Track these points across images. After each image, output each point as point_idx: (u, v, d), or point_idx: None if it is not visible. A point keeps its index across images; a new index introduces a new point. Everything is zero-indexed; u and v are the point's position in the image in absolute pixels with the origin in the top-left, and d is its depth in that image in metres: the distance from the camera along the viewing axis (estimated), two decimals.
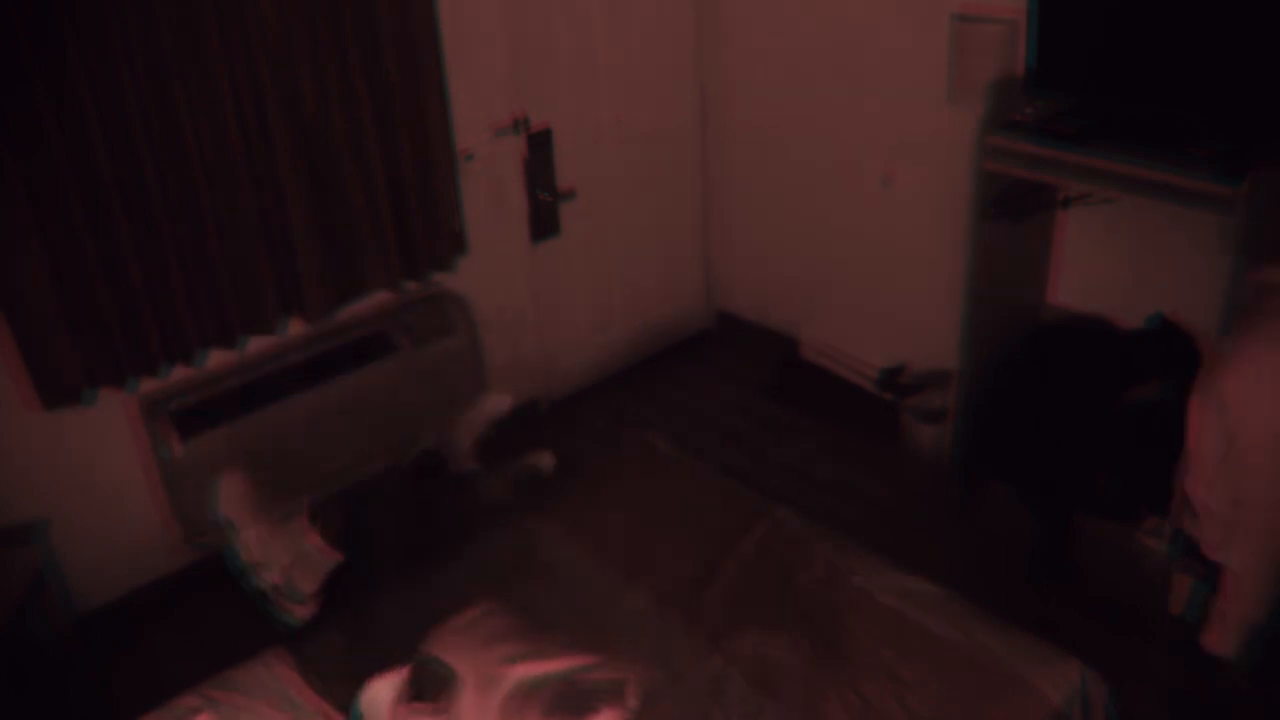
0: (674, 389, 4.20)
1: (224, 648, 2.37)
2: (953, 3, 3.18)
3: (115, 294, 2.72)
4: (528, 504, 2.77)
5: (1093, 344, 3.05)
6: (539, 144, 3.68)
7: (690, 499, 2.70)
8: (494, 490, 3.38)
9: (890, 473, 3.53)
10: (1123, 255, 3.04)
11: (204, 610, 3.05)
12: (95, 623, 2.97)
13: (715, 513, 2.63)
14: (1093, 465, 2.98)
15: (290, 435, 3.05)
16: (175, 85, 2.65)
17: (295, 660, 2.20)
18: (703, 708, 2.07)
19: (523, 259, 3.79)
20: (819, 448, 3.74)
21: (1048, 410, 2.99)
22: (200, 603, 3.08)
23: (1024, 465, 3.13)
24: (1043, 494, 3.11)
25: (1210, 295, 2.57)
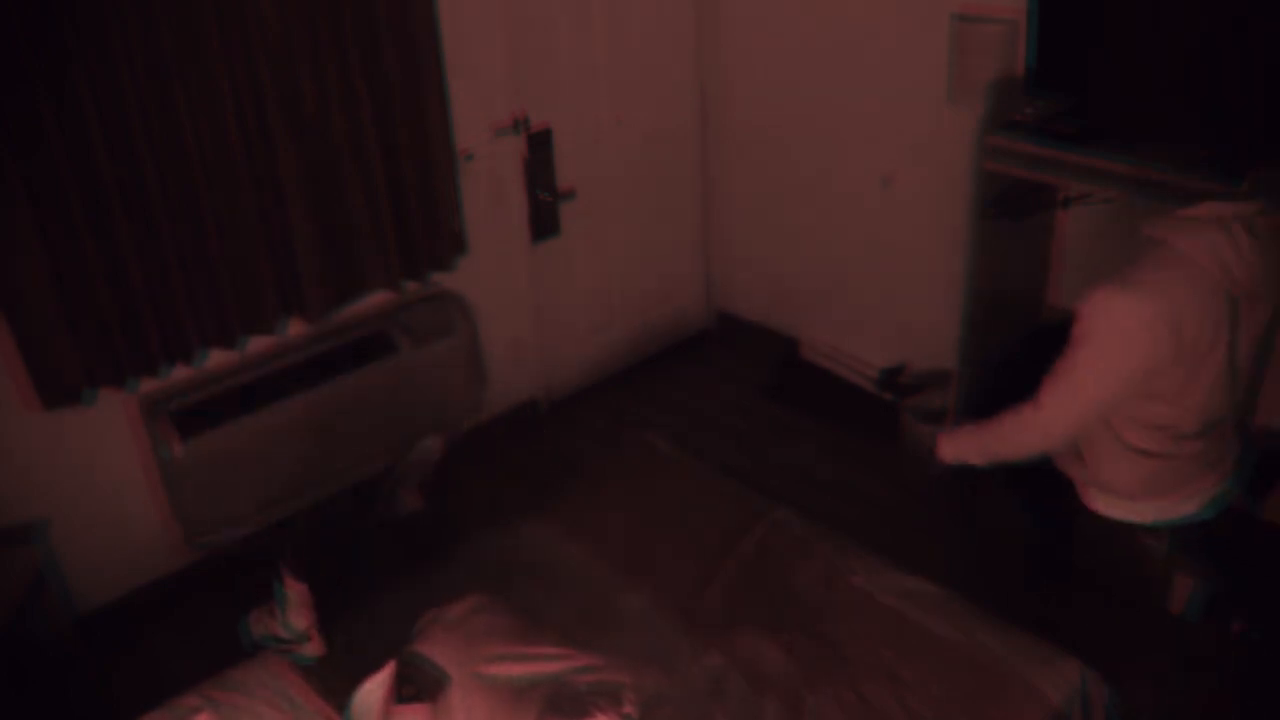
0: (674, 389, 4.20)
1: (224, 648, 2.37)
2: (953, 3, 3.19)
3: (115, 294, 2.72)
4: (527, 504, 2.77)
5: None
6: (539, 144, 3.68)
7: (690, 499, 2.70)
8: (407, 503, 3.31)
9: (890, 473, 3.53)
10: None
11: (204, 610, 3.05)
12: (95, 623, 2.97)
13: (715, 513, 2.63)
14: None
15: (290, 435, 3.05)
16: (175, 85, 2.65)
17: (292, 662, 2.20)
18: (702, 707, 2.07)
19: (523, 259, 3.79)
20: (819, 448, 3.74)
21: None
22: (200, 603, 3.09)
23: (1024, 465, 3.12)
24: (1043, 494, 3.11)
25: None
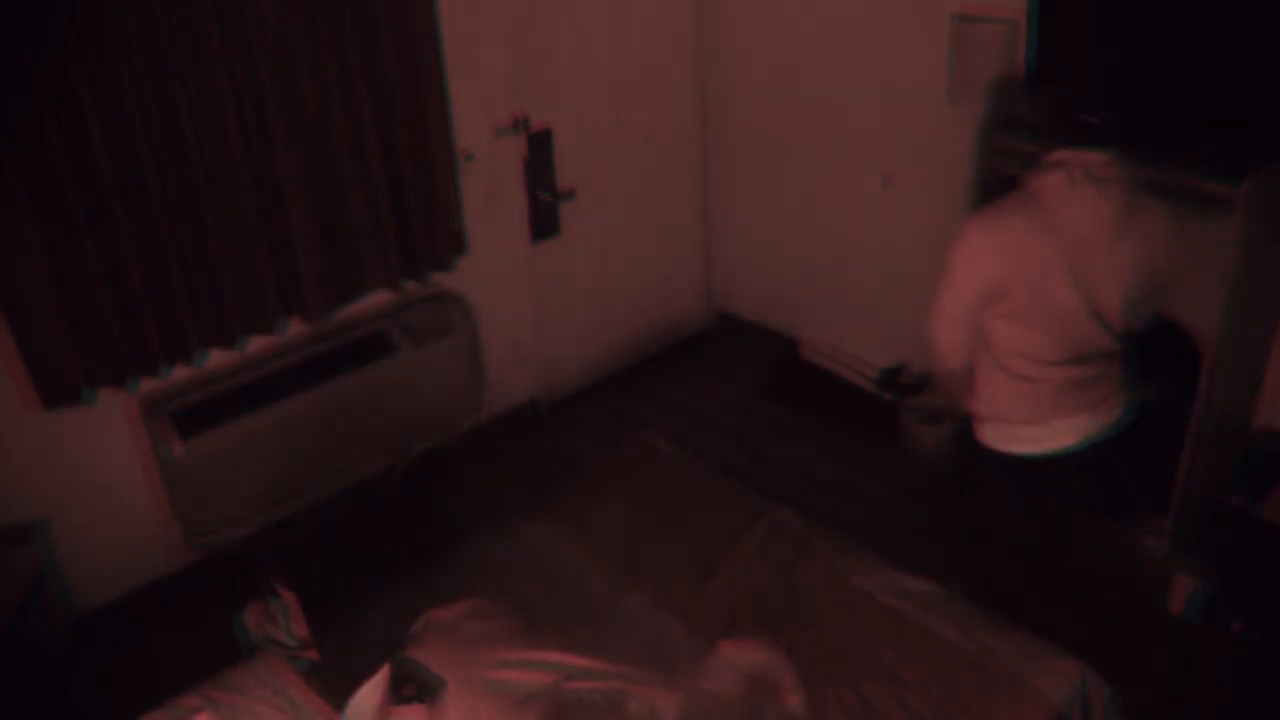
0: (674, 389, 4.20)
1: (224, 648, 2.37)
2: (953, 3, 3.18)
3: (115, 294, 2.72)
4: (527, 504, 2.77)
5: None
6: (539, 144, 3.68)
7: (690, 499, 2.69)
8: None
9: (890, 473, 3.53)
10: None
11: (204, 610, 3.05)
12: (95, 623, 2.97)
13: (715, 513, 2.63)
14: (1093, 465, 2.98)
15: (290, 435, 3.05)
16: (175, 85, 2.65)
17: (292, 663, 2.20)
18: (702, 708, 2.06)
19: (523, 259, 3.79)
20: (819, 448, 3.74)
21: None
22: (200, 603, 3.08)
23: (1023, 465, 3.12)
24: (1042, 494, 3.11)
25: (1210, 295, 2.57)
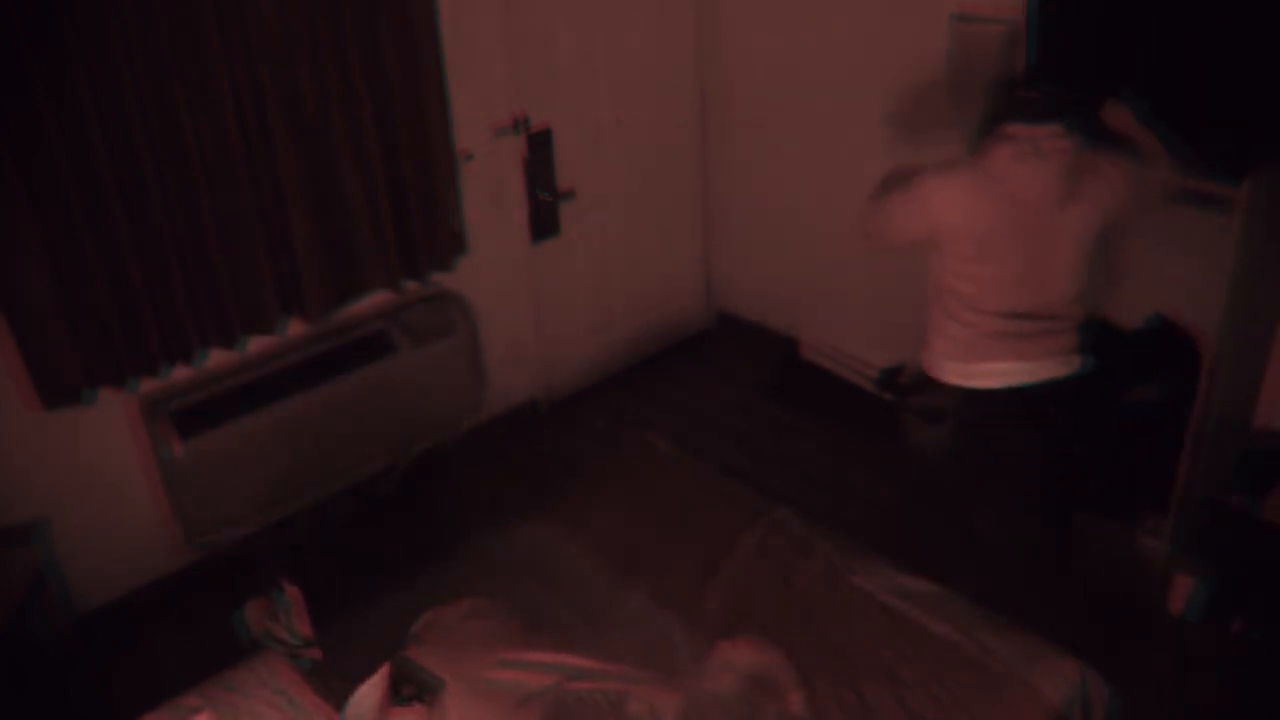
0: (674, 389, 4.20)
1: (224, 648, 2.37)
2: (953, 3, 3.18)
3: (115, 294, 2.71)
4: (527, 504, 2.77)
5: (1093, 344, 3.04)
6: (539, 144, 3.68)
7: (690, 499, 2.69)
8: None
9: (890, 473, 3.53)
10: (1123, 255, 3.03)
11: (204, 610, 3.05)
12: (95, 623, 2.97)
13: (715, 513, 2.63)
14: (1093, 465, 2.98)
15: (290, 435, 3.05)
16: (175, 85, 2.65)
17: (293, 662, 2.20)
18: (702, 707, 2.06)
19: (523, 259, 3.79)
20: (819, 448, 3.74)
21: (1049, 410, 2.99)
22: (200, 603, 3.08)
23: (1023, 465, 3.12)
24: (1042, 493, 3.11)
25: (1210, 295, 2.57)
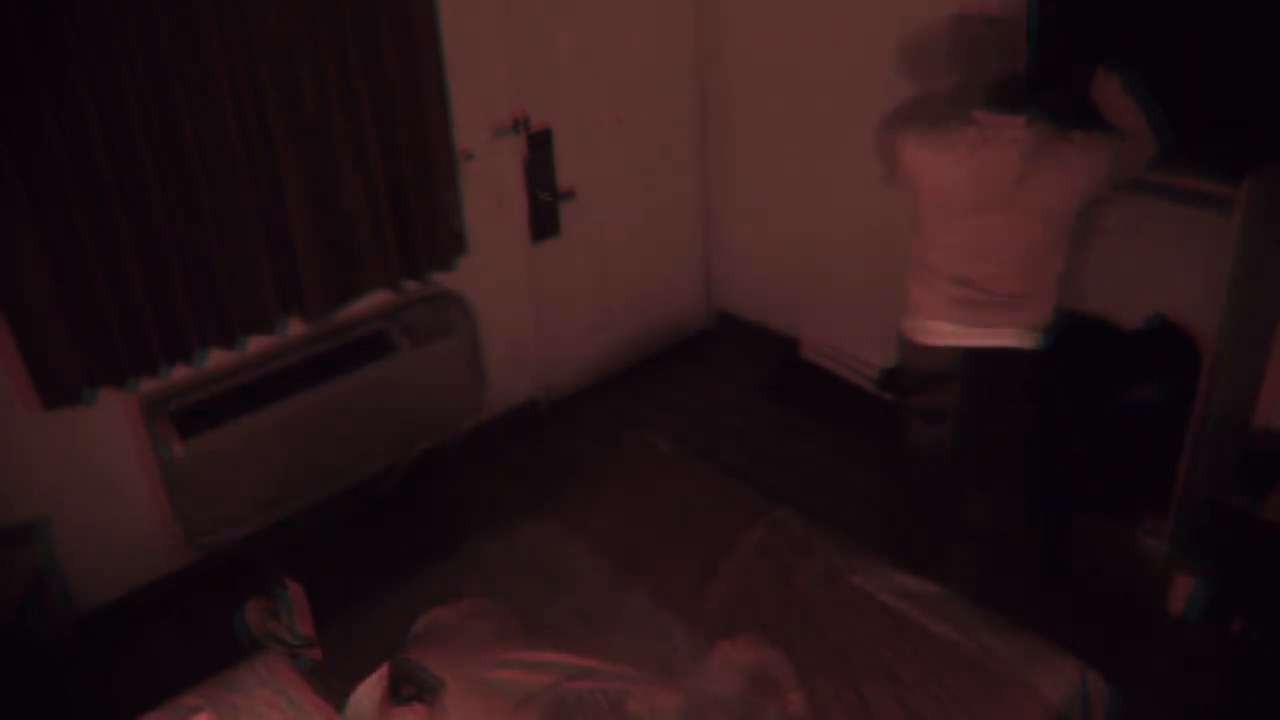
0: (674, 389, 4.20)
1: (224, 648, 2.37)
2: (953, 3, 3.18)
3: (115, 294, 2.71)
4: (527, 504, 2.77)
5: (1093, 344, 3.04)
6: (539, 144, 3.68)
7: (690, 499, 2.69)
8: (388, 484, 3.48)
9: (890, 473, 3.53)
10: (1123, 255, 3.04)
11: (204, 610, 3.05)
12: (95, 623, 2.97)
13: (715, 513, 2.63)
14: (1093, 464, 2.98)
15: (290, 435, 3.05)
16: (175, 85, 2.65)
17: (292, 662, 2.20)
18: (702, 708, 2.07)
19: (523, 259, 3.79)
20: (819, 448, 3.74)
21: (1049, 410, 2.99)
22: (200, 603, 3.08)
23: (1024, 465, 3.13)
24: (1042, 493, 3.11)
25: (1210, 295, 2.57)
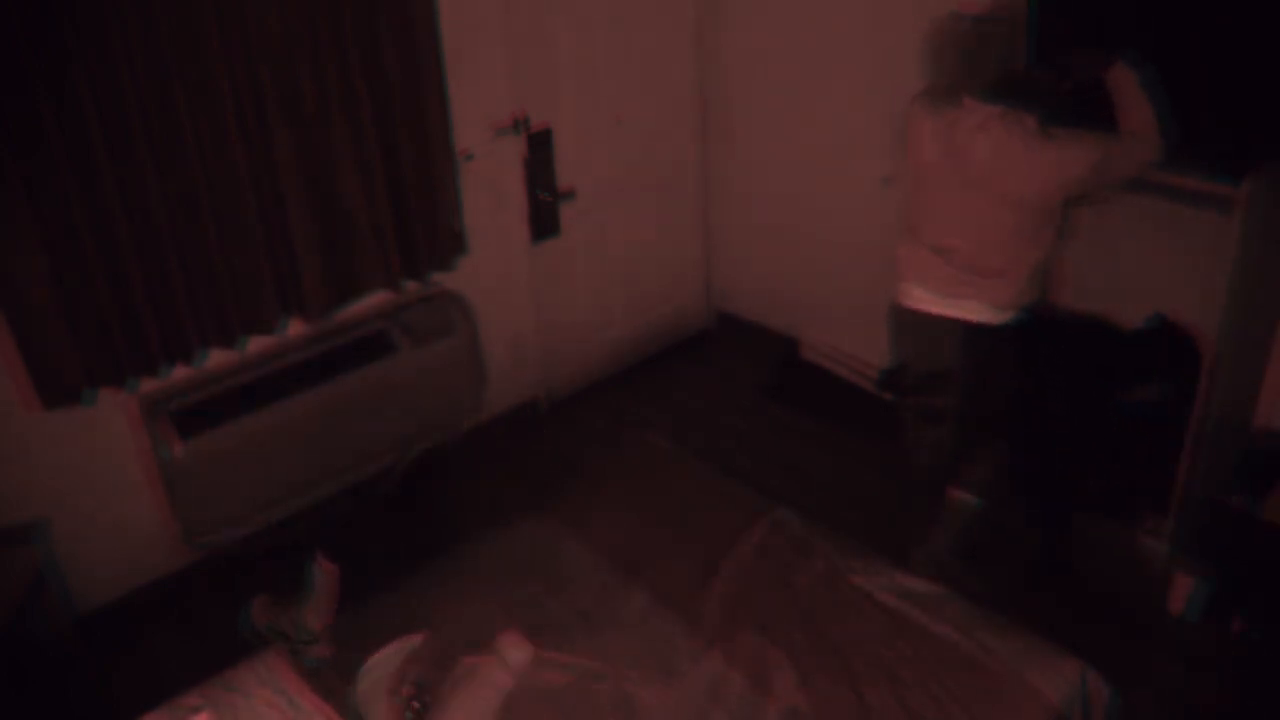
0: (674, 389, 4.20)
1: (224, 648, 2.37)
2: (953, 2, 3.18)
3: (115, 294, 2.71)
4: (527, 504, 2.77)
5: (1093, 344, 3.04)
6: (539, 144, 3.68)
7: (690, 499, 2.69)
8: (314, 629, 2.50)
9: (891, 473, 3.52)
10: (1123, 255, 3.04)
11: (204, 610, 3.05)
12: (95, 623, 2.97)
13: (715, 513, 2.63)
14: (1093, 464, 2.98)
15: (290, 435, 3.05)
16: (175, 85, 2.65)
17: (294, 660, 2.20)
18: (702, 708, 2.07)
19: (523, 259, 3.79)
20: (819, 448, 3.74)
21: (1048, 410, 2.99)
22: (200, 603, 3.09)
23: (1025, 465, 3.13)
24: (1043, 493, 3.11)
25: (1210, 295, 2.57)
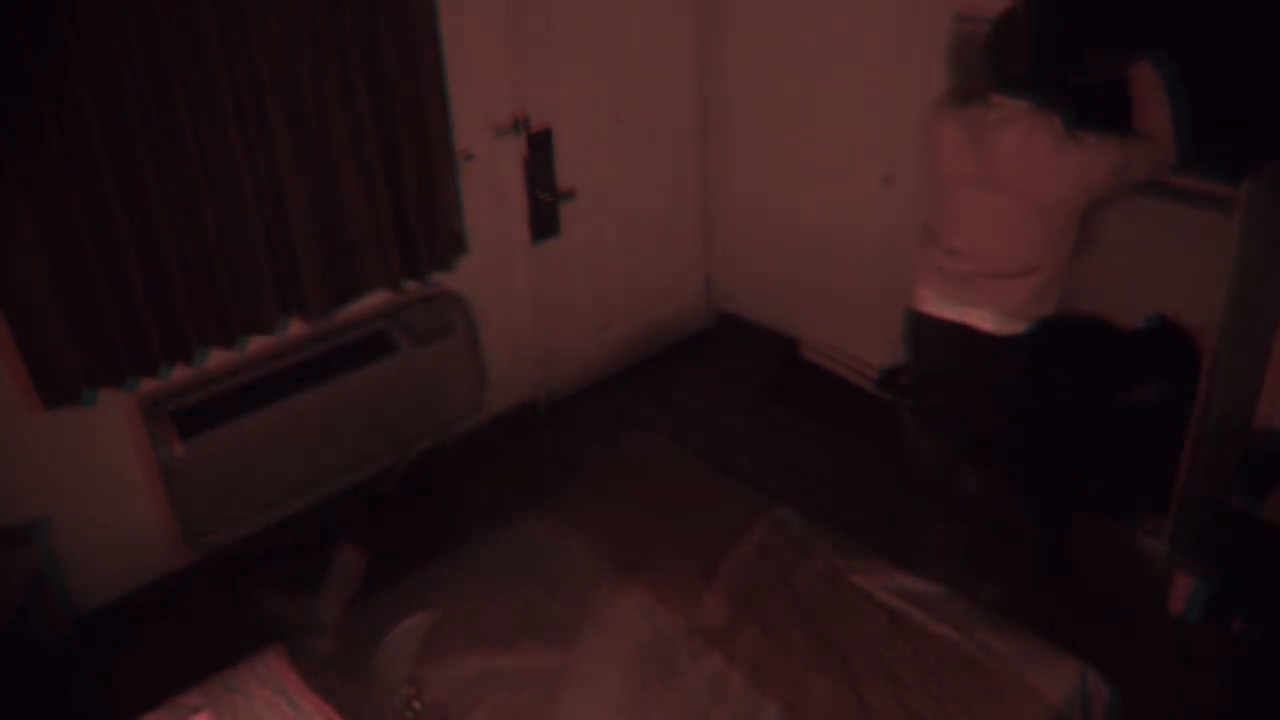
0: (674, 389, 4.20)
1: (224, 648, 2.37)
2: (953, 2, 3.18)
3: (115, 294, 2.71)
4: (527, 504, 2.77)
5: (1093, 344, 3.04)
6: (539, 144, 3.68)
7: (690, 499, 2.69)
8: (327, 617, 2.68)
9: (890, 473, 3.53)
10: (1123, 255, 3.04)
11: (204, 610, 3.05)
12: (95, 623, 2.97)
13: (715, 512, 2.63)
14: (1093, 464, 2.98)
15: (290, 435, 3.05)
16: (175, 85, 2.65)
17: (294, 660, 2.20)
18: (702, 707, 2.07)
19: (523, 259, 3.79)
20: (819, 448, 3.74)
21: (1048, 410, 2.99)
22: (200, 603, 3.09)
23: (1025, 465, 3.13)
24: (1043, 493, 3.11)
25: (1210, 295, 2.57)
